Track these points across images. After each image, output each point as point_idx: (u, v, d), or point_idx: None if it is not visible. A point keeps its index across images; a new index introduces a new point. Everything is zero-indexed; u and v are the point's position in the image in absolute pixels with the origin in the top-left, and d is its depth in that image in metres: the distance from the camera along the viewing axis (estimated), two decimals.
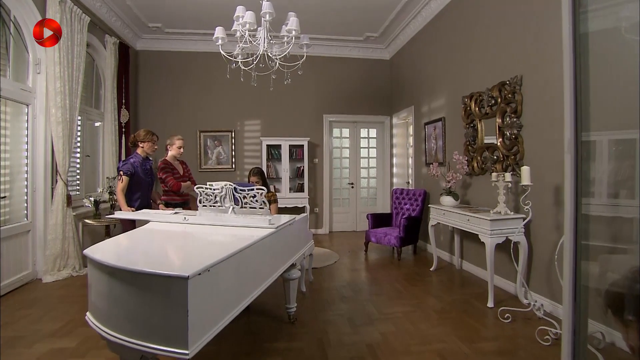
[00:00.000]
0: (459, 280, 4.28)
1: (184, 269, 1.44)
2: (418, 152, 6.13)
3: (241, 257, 1.82)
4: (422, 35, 5.91)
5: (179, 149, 3.92)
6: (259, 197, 3.13)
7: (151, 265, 1.54)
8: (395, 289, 3.99)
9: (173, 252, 1.89)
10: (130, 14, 5.72)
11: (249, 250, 1.91)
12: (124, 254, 1.86)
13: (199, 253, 1.87)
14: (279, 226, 2.37)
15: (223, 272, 1.64)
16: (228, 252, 1.71)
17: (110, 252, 1.84)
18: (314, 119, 7.28)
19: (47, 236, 4.27)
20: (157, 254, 1.86)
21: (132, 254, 1.87)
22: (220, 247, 2.00)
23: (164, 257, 1.78)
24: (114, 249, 1.94)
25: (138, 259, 1.77)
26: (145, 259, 1.76)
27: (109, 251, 1.85)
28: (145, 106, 6.84)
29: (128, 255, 1.82)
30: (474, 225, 3.62)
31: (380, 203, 7.64)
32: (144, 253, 1.89)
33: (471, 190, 4.53)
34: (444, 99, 5.24)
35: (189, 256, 1.82)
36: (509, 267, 3.77)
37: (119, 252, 1.88)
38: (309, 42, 3.67)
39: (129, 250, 1.94)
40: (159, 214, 2.79)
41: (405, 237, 5.23)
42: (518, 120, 3.56)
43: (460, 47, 4.74)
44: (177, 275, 1.39)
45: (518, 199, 3.62)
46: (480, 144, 4.26)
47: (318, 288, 4.03)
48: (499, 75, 3.86)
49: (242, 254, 1.83)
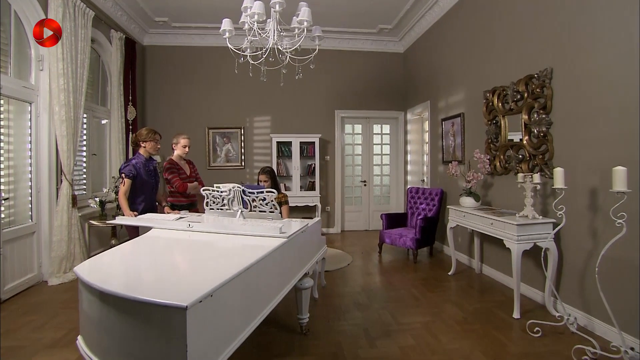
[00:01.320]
0: (480, 286, 4.05)
1: (182, 296, 1.25)
2: (434, 150, 5.87)
3: (248, 275, 1.62)
4: (439, 27, 5.63)
5: (184, 147, 3.75)
6: (269, 200, 2.95)
7: (146, 290, 1.36)
8: (413, 295, 3.78)
9: (172, 270, 1.69)
10: (136, 7, 5.55)
11: (257, 265, 1.72)
12: (117, 273, 1.68)
13: (202, 271, 1.67)
14: (290, 235, 2.18)
15: (228, 295, 1.45)
16: (233, 270, 1.52)
17: (102, 271, 1.66)
18: (325, 114, 7.05)
19: (52, 238, 4.16)
20: (155, 272, 1.66)
21: (126, 273, 1.68)
22: (225, 262, 1.81)
23: (161, 277, 1.58)
24: (107, 266, 1.75)
25: (132, 280, 1.58)
26: (141, 280, 1.56)
27: (100, 270, 1.67)
28: (153, 103, 6.70)
29: (121, 276, 1.63)
30: (498, 230, 3.38)
31: (393, 201, 7.41)
32: (139, 272, 1.69)
33: (493, 191, 4.27)
34: (462, 94, 4.97)
35: (190, 275, 1.61)
36: (534, 273, 3.52)
37: (112, 271, 1.70)
38: (322, 34, 3.45)
39: (124, 267, 1.75)
40: (162, 220, 2.62)
41: (422, 239, 5.00)
42: (547, 117, 3.30)
43: (481, 38, 4.46)
44: (174, 305, 1.20)
45: (546, 201, 3.37)
46: (504, 142, 4.00)
47: (331, 294, 3.85)
48: (525, 68, 3.59)
49: (250, 271, 1.63)
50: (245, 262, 1.65)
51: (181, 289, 1.40)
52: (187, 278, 1.56)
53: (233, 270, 1.52)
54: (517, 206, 3.71)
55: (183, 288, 1.41)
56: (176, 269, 1.69)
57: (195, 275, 1.59)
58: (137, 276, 1.63)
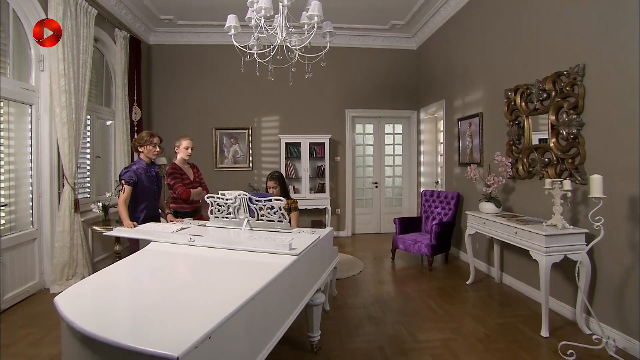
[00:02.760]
0: (501, 298, 3.80)
1: (174, 340, 1.04)
2: (450, 151, 5.61)
3: (255, 304, 1.42)
4: (455, 22, 5.36)
5: (187, 149, 3.55)
6: (277, 208, 2.76)
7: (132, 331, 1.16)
8: (430, 308, 3.55)
9: (166, 301, 1.47)
10: (140, 5, 5.39)
11: (264, 291, 1.52)
12: (102, 304, 1.48)
13: (201, 302, 1.46)
14: (301, 252, 1.98)
15: (230, 331, 1.25)
16: (237, 299, 1.32)
17: (85, 302, 1.46)
18: (335, 114, 6.83)
19: (54, 244, 4.03)
20: (146, 304, 1.45)
21: (112, 305, 1.47)
22: (228, 287, 1.61)
23: (153, 311, 1.38)
24: (91, 295, 1.57)
25: (118, 316, 1.37)
26: (128, 316, 1.35)
27: (83, 301, 1.50)
28: (159, 103, 6.55)
29: (106, 310, 1.43)
30: (524, 240, 3.13)
31: (405, 204, 7.16)
32: (128, 304, 1.49)
33: (515, 196, 4.02)
34: (481, 93, 4.71)
35: (186, 308, 1.39)
36: (562, 286, 3.27)
37: (96, 302, 1.51)
38: (333, 30, 3.23)
39: (111, 297, 1.53)
40: (161, 233, 2.44)
41: (437, 245, 4.76)
42: (578, 118, 3.03)
43: (502, 33, 4.19)
44: (162, 356, 1.01)
45: (576, 209, 3.12)
46: (527, 144, 3.74)
47: (342, 305, 3.64)
48: (553, 64, 3.32)
49: (256, 299, 1.43)
50: (251, 288, 1.45)
51: (174, 328, 1.20)
52: (182, 312, 1.36)
53: (236, 301, 1.32)
54: (542, 213, 3.46)
55: (176, 327, 1.21)
56: (171, 299, 1.48)
57: (192, 308, 1.39)
58: (125, 309, 1.43)
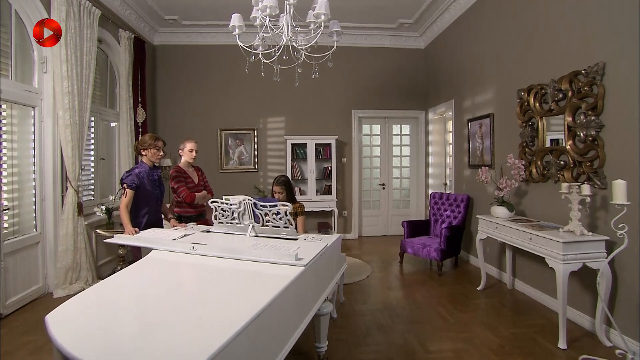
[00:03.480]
0: (514, 305, 3.67)
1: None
2: (459, 152, 5.48)
3: (259, 322, 1.33)
4: (465, 20, 5.23)
5: (191, 152, 3.48)
6: (283, 214, 2.67)
7: None
8: (440, 315, 3.44)
9: (163, 321, 1.37)
10: (144, 6, 5.34)
11: (269, 308, 1.43)
12: (98, 326, 1.38)
13: (200, 320, 1.37)
14: (308, 262, 1.88)
15: (234, 354, 1.16)
16: (240, 319, 1.22)
17: (79, 325, 1.39)
18: (342, 115, 6.73)
19: (57, 248, 3.98)
20: (142, 324, 1.35)
21: (109, 328, 1.37)
22: (231, 302, 1.51)
23: (148, 333, 1.28)
24: (84, 313, 1.48)
25: (115, 341, 1.27)
26: (121, 340, 1.24)
27: (75, 320, 1.42)
28: (163, 104, 6.50)
29: (102, 333, 1.33)
30: (539, 246, 3.00)
31: (413, 206, 7.03)
32: (123, 323, 1.38)
33: (527, 200, 3.88)
34: (492, 93, 4.58)
35: (184, 328, 1.30)
36: (579, 294, 3.14)
37: (92, 323, 1.42)
38: (340, 29, 3.12)
39: (105, 316, 1.45)
40: (163, 240, 2.36)
41: (447, 249, 4.64)
42: (597, 119, 2.90)
43: (515, 31, 4.06)
44: None
45: (595, 215, 2.98)
46: (541, 146, 3.61)
47: (350, 312, 3.54)
48: (570, 63, 3.19)
49: (260, 317, 1.34)
50: (256, 304, 1.35)
51: (170, 355, 1.11)
52: (179, 333, 1.27)
53: (240, 320, 1.23)
54: (557, 218, 3.33)
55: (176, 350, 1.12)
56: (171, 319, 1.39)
57: (193, 328, 1.29)
58: (122, 332, 1.33)
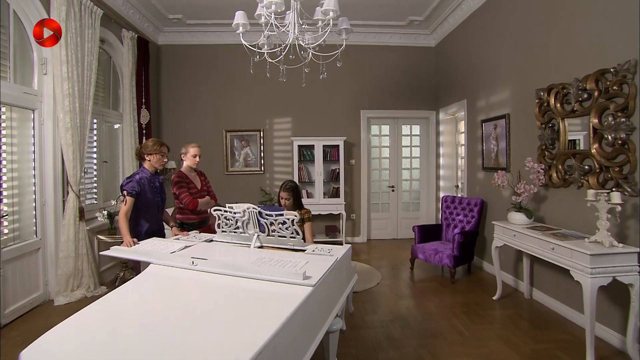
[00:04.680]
0: (533, 317, 3.48)
1: None
2: (472, 154, 5.28)
3: (266, 354, 1.18)
4: (478, 16, 5.02)
5: (194, 157, 3.34)
6: (290, 223, 2.52)
7: None
8: (455, 328, 3.26)
9: (162, 354, 1.24)
10: (148, 5, 5.21)
11: (277, 336, 1.27)
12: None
13: (202, 353, 1.22)
14: (317, 282, 1.72)
15: None
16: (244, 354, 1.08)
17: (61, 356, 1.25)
18: (350, 115, 6.55)
19: (58, 254, 3.88)
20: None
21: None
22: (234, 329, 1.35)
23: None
24: (67, 352, 1.31)
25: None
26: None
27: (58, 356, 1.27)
28: (168, 105, 6.39)
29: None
30: (563, 257, 2.81)
31: (423, 209, 6.84)
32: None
33: (547, 206, 3.68)
34: (508, 92, 4.37)
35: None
36: (607, 309, 2.93)
37: (76, 353, 1.28)
38: (349, 27, 2.96)
39: (95, 350, 1.30)
40: (161, 254, 2.22)
41: (460, 256, 4.45)
42: (628, 121, 2.69)
43: (533, 27, 3.85)
44: None
45: (624, 224, 2.78)
46: (563, 149, 3.40)
47: (360, 323, 3.38)
48: (596, 61, 2.98)
49: (267, 348, 1.18)
50: (262, 333, 1.20)
51: None
52: None
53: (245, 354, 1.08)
54: (581, 226, 3.13)
55: None
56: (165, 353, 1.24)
57: None
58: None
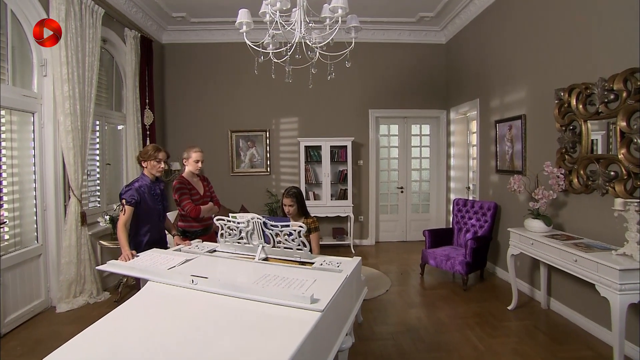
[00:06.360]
0: (551, 330, 3.30)
1: None
2: (485, 155, 5.09)
3: None
4: (492, 12, 4.81)
5: (197, 163, 3.21)
6: (296, 235, 2.38)
7: None
8: (469, 341, 3.11)
9: None
10: (151, 3, 5.09)
11: None
12: None
13: None
14: (326, 305, 1.58)
15: None
16: None
17: None
18: (358, 115, 6.38)
19: (60, 260, 3.79)
20: None
21: None
22: None
23: None
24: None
25: None
26: None
27: None
28: (172, 105, 6.28)
29: None
30: (587, 270, 2.63)
31: (433, 211, 6.66)
32: None
33: (566, 212, 3.50)
34: (524, 92, 4.17)
35: None
36: (633, 325, 2.75)
37: None
38: (359, 25, 2.79)
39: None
40: (159, 271, 2.09)
41: (473, 262, 4.28)
42: None
43: (553, 23, 3.65)
44: None
45: None
46: (585, 154, 3.21)
47: (369, 335, 3.25)
48: (624, 59, 2.78)
49: None
50: None
51: None
52: None
53: None
54: (605, 235, 2.95)
55: None
56: None
57: None
58: None
